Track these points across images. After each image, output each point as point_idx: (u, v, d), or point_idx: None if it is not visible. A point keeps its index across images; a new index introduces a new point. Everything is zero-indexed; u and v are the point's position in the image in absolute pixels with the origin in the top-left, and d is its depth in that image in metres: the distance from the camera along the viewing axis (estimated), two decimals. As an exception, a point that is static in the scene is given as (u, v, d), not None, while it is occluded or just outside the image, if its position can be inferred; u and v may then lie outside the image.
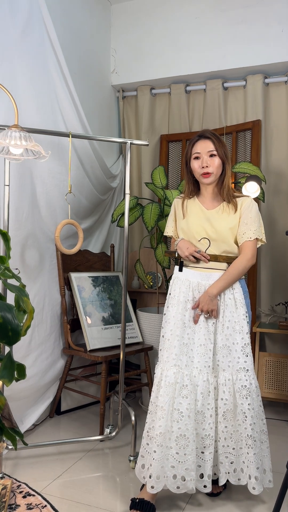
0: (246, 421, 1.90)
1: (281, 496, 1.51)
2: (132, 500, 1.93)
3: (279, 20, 3.09)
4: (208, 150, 2.00)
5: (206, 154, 2.00)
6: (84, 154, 2.84)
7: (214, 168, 2.00)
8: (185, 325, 1.98)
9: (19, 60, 2.43)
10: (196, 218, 2.06)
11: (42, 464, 2.30)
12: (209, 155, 2.00)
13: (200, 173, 2.02)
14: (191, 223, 2.07)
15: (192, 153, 2.04)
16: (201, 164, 2.01)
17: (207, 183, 2.04)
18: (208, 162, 2.00)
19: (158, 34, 3.43)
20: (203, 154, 2.00)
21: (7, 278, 1.49)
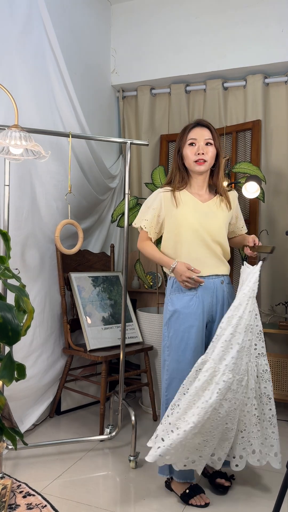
0: (270, 402, 1.97)
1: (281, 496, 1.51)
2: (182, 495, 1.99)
3: (279, 20, 3.09)
4: (205, 137, 1.95)
5: (202, 142, 1.95)
6: (82, 154, 2.84)
7: (209, 157, 1.96)
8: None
9: (18, 60, 2.43)
10: (192, 210, 1.98)
11: (42, 464, 2.30)
12: (205, 143, 1.95)
13: (193, 160, 1.95)
14: (186, 213, 1.97)
15: (187, 139, 1.96)
16: (197, 151, 1.94)
17: (199, 171, 1.97)
18: (204, 150, 1.94)
19: (158, 34, 3.43)
20: (200, 141, 1.95)
21: (7, 278, 1.50)
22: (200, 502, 1.97)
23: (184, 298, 1.98)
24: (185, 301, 1.97)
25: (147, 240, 2.09)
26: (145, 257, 2.05)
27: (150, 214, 2.04)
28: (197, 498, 1.98)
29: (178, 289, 1.99)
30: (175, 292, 2.01)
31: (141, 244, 2.10)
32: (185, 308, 1.96)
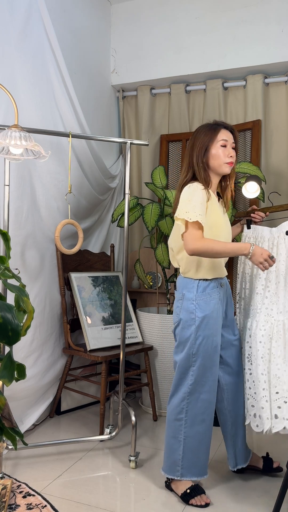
0: None
1: (281, 496, 1.51)
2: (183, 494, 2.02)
3: (279, 20, 3.09)
4: (232, 141, 2.00)
5: (231, 145, 1.99)
6: (82, 154, 2.84)
7: (235, 161, 2.01)
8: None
9: (18, 60, 2.43)
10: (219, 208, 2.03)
11: (42, 464, 2.30)
12: (232, 147, 2.00)
13: (224, 162, 1.97)
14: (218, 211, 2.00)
15: (219, 139, 1.96)
16: (229, 154, 1.97)
17: (227, 172, 2.00)
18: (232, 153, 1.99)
19: (158, 34, 3.43)
20: (229, 144, 1.98)
21: (7, 278, 1.50)
22: (201, 502, 1.97)
23: (211, 302, 1.96)
24: (212, 305, 1.96)
25: (204, 237, 1.88)
26: (210, 255, 1.85)
27: (202, 209, 1.86)
28: (198, 498, 1.98)
29: (204, 293, 1.96)
30: (202, 296, 1.95)
31: (201, 242, 1.83)
32: (213, 312, 1.96)
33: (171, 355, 2.97)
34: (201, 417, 2.00)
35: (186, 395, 1.99)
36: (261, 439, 2.67)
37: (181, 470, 2.02)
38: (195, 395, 1.99)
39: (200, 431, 2.01)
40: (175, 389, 2.03)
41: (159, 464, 2.34)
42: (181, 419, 2.00)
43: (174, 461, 2.03)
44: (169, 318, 2.95)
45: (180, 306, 1.99)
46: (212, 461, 2.38)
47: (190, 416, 1.99)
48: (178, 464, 2.02)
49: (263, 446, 2.57)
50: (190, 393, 1.99)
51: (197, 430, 2.00)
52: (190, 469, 2.02)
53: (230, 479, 2.21)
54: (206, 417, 2.01)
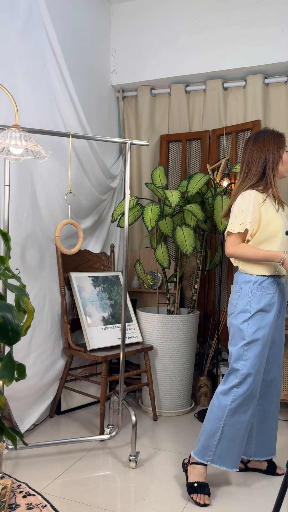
0: None
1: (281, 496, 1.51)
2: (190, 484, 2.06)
3: (279, 20, 3.09)
4: None
5: None
6: (83, 154, 2.84)
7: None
8: None
9: (19, 60, 2.43)
10: (277, 212, 2.12)
11: (42, 464, 2.30)
12: None
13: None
14: (275, 215, 2.10)
15: (285, 146, 2.17)
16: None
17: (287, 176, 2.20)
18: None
19: (158, 34, 3.43)
20: None
21: (7, 278, 1.50)
22: (201, 501, 1.99)
23: (267, 296, 2.09)
24: (268, 299, 2.08)
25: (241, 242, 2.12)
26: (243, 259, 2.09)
27: (250, 216, 2.07)
28: (200, 496, 2.01)
29: (261, 287, 2.10)
30: (258, 290, 2.09)
31: (236, 248, 2.10)
32: (268, 306, 2.08)
33: (171, 355, 2.97)
34: (245, 407, 2.06)
35: (236, 384, 2.06)
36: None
37: (212, 456, 2.07)
38: (243, 385, 2.05)
39: (241, 421, 2.06)
40: (227, 377, 2.10)
41: (159, 464, 2.34)
42: (225, 406, 2.06)
43: (208, 445, 2.08)
44: (169, 318, 2.95)
45: (237, 298, 2.13)
46: (212, 461, 2.38)
47: (234, 405, 2.05)
48: (211, 450, 2.07)
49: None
50: (239, 383, 2.06)
51: (238, 420, 2.06)
52: (222, 457, 2.07)
53: (230, 478, 2.21)
54: (248, 408, 2.07)
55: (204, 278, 3.46)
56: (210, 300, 3.47)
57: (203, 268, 3.39)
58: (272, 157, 2.13)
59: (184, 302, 3.52)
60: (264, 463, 2.27)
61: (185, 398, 3.05)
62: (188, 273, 3.44)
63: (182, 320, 2.97)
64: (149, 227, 2.82)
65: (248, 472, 2.27)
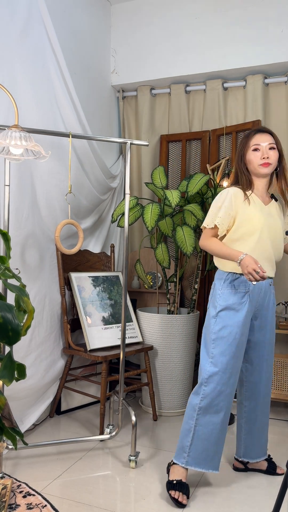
0: None
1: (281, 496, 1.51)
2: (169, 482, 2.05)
3: (279, 20, 3.09)
4: (268, 142, 2.06)
5: (266, 146, 2.05)
6: (83, 154, 2.84)
7: (273, 160, 2.05)
8: None
9: (19, 60, 2.43)
10: (259, 211, 2.06)
11: (42, 464, 2.30)
12: (269, 148, 2.06)
13: (259, 164, 2.05)
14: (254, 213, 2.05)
15: (251, 145, 2.07)
16: (261, 156, 2.05)
17: (264, 173, 2.07)
18: (268, 154, 2.05)
19: (158, 34, 3.43)
20: (263, 146, 2.05)
21: (7, 278, 1.50)
22: (178, 497, 1.98)
23: (237, 294, 2.06)
24: (238, 298, 2.05)
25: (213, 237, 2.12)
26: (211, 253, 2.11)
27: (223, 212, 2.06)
28: (177, 493, 2.00)
29: (231, 285, 2.08)
30: (228, 288, 2.08)
31: (206, 241, 2.11)
32: (236, 304, 2.05)
33: (171, 354, 2.97)
34: (216, 408, 2.03)
35: (203, 382, 2.05)
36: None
37: (187, 458, 2.06)
38: (210, 383, 2.03)
39: (213, 421, 2.04)
40: (198, 375, 2.10)
41: (159, 463, 2.34)
42: (195, 405, 2.05)
43: (182, 446, 2.08)
44: (169, 318, 2.95)
45: (211, 294, 2.14)
46: (212, 461, 2.39)
47: (204, 404, 2.03)
48: (185, 451, 2.06)
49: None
50: (206, 381, 2.04)
51: (210, 420, 2.04)
52: (197, 458, 2.05)
53: (230, 478, 2.21)
54: (220, 409, 2.04)
55: (204, 278, 3.46)
56: (210, 300, 3.47)
57: (203, 268, 3.39)
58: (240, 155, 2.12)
59: (184, 302, 3.52)
60: (264, 462, 2.27)
61: (185, 398, 3.05)
62: (188, 273, 3.44)
63: (182, 320, 2.97)
64: (149, 227, 2.82)
65: (248, 472, 2.27)
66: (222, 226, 2.06)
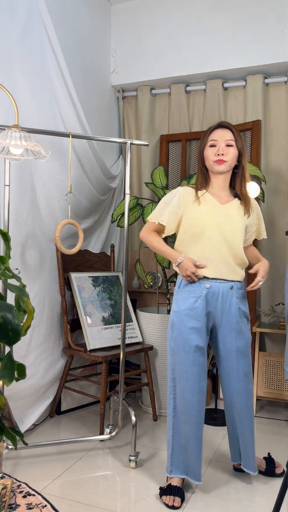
0: None
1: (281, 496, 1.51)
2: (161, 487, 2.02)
3: (279, 20, 3.09)
4: (226, 138, 1.96)
5: (223, 143, 1.96)
6: (83, 154, 2.84)
7: (229, 158, 1.96)
8: None
9: (19, 60, 2.43)
10: (211, 210, 1.98)
11: (42, 464, 2.30)
12: (226, 145, 1.96)
13: (213, 160, 1.96)
14: (205, 213, 1.97)
15: (208, 141, 1.99)
16: (216, 152, 1.96)
17: (219, 170, 1.98)
18: (225, 151, 1.95)
19: (158, 34, 3.43)
20: (220, 142, 1.96)
21: (7, 278, 1.50)
22: (169, 502, 1.95)
23: (190, 299, 1.98)
24: (190, 303, 1.97)
25: (153, 232, 2.07)
26: (150, 247, 2.06)
27: (169, 210, 2.01)
28: (169, 498, 1.96)
29: (184, 290, 2.00)
30: (181, 292, 2.01)
31: (147, 234, 2.07)
32: (189, 309, 1.97)
33: (171, 355, 2.97)
34: (184, 417, 1.99)
35: (171, 390, 2.03)
36: (263, 439, 2.67)
37: (170, 467, 2.05)
38: (177, 391, 2.01)
39: (186, 430, 2.00)
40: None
41: (159, 464, 2.34)
42: (169, 414, 2.05)
43: (167, 456, 2.08)
44: (169, 318, 2.95)
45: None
46: (212, 460, 2.38)
47: (176, 412, 2.02)
48: (169, 460, 2.06)
49: (263, 446, 2.58)
50: (173, 389, 2.03)
51: (184, 429, 2.01)
52: (180, 467, 2.03)
53: (230, 479, 2.21)
54: (189, 418, 1.98)
55: (204, 278, 3.46)
56: (210, 300, 3.47)
57: (203, 268, 3.39)
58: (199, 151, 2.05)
59: (184, 302, 3.52)
60: (262, 463, 2.24)
61: (185, 398, 3.05)
62: (188, 273, 3.43)
63: (182, 320, 2.96)
64: (149, 227, 2.82)
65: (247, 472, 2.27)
66: (169, 225, 2.01)
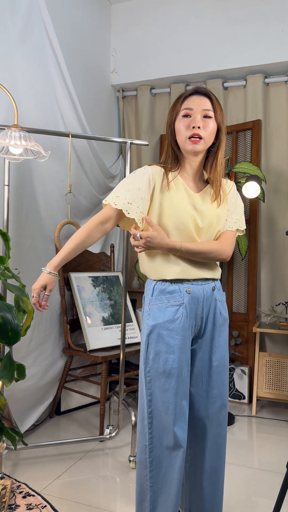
0: None
1: (281, 496, 1.51)
2: None
3: (279, 20, 3.09)
4: (203, 108, 1.50)
5: (200, 113, 1.50)
6: (83, 154, 2.84)
7: (207, 133, 1.51)
8: None
9: (19, 60, 2.43)
10: (183, 199, 1.55)
11: (42, 464, 2.30)
12: (204, 115, 1.51)
13: (187, 136, 1.50)
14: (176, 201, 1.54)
15: (181, 109, 1.52)
16: (191, 123, 1.50)
17: (194, 150, 1.52)
18: (201, 123, 1.50)
19: (158, 34, 3.43)
20: (196, 112, 1.50)
21: (7, 278, 1.49)
22: None
23: (168, 310, 1.55)
24: (169, 314, 1.54)
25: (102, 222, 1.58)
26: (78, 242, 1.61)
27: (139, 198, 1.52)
28: None
29: (160, 298, 1.56)
30: (156, 302, 1.57)
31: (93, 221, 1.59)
32: (168, 322, 1.54)
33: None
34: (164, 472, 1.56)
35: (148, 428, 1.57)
36: (263, 439, 2.67)
37: None
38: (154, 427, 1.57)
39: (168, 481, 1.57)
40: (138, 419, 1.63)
41: (159, 464, 2.34)
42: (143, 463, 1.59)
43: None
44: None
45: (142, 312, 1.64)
46: (212, 461, 2.38)
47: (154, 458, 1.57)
48: None
49: (264, 446, 2.57)
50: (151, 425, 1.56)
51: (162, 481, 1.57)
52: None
53: (229, 479, 2.21)
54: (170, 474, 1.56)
55: (204, 278, 3.45)
56: (210, 300, 3.47)
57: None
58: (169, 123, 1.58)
59: (184, 302, 3.51)
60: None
61: (185, 398, 3.04)
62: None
63: (182, 320, 2.96)
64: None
65: (247, 473, 2.27)
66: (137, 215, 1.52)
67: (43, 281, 1.60)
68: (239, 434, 2.73)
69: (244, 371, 3.19)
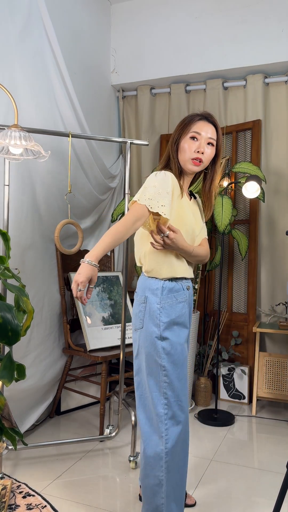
0: None
1: (281, 496, 1.51)
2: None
3: (279, 20, 3.09)
4: (209, 135, 1.71)
5: (205, 140, 1.71)
6: (82, 154, 2.84)
7: (207, 159, 1.73)
8: None
9: (18, 60, 2.43)
10: (189, 208, 1.77)
11: (42, 464, 2.30)
12: (207, 143, 1.72)
13: (190, 157, 1.70)
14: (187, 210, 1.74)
15: (190, 131, 1.71)
16: (197, 148, 1.70)
17: (192, 171, 1.74)
18: (205, 149, 1.71)
19: (158, 34, 3.43)
20: (202, 138, 1.71)
21: (7, 278, 1.49)
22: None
23: (178, 306, 1.73)
24: (179, 310, 1.73)
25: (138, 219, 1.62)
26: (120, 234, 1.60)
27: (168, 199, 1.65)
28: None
29: (170, 296, 1.73)
30: (167, 299, 1.72)
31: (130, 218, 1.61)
32: (179, 317, 1.73)
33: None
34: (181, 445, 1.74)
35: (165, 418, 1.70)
36: (263, 439, 2.67)
37: None
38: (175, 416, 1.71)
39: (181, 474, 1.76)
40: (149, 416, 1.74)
41: (159, 464, 2.34)
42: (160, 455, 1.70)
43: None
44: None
45: (143, 310, 1.75)
46: (212, 461, 2.38)
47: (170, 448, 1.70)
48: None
49: (264, 446, 2.57)
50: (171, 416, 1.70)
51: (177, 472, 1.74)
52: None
53: (229, 479, 2.21)
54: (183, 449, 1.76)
55: (204, 278, 3.46)
56: (210, 300, 3.47)
57: (203, 268, 3.39)
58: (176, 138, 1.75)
59: (184, 302, 3.51)
60: None
61: (185, 398, 3.04)
62: (188, 273, 3.43)
63: (182, 320, 2.96)
64: (149, 227, 2.81)
65: (247, 472, 2.27)
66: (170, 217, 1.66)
67: (89, 273, 1.56)
68: (239, 434, 2.73)
69: (244, 371, 3.19)
